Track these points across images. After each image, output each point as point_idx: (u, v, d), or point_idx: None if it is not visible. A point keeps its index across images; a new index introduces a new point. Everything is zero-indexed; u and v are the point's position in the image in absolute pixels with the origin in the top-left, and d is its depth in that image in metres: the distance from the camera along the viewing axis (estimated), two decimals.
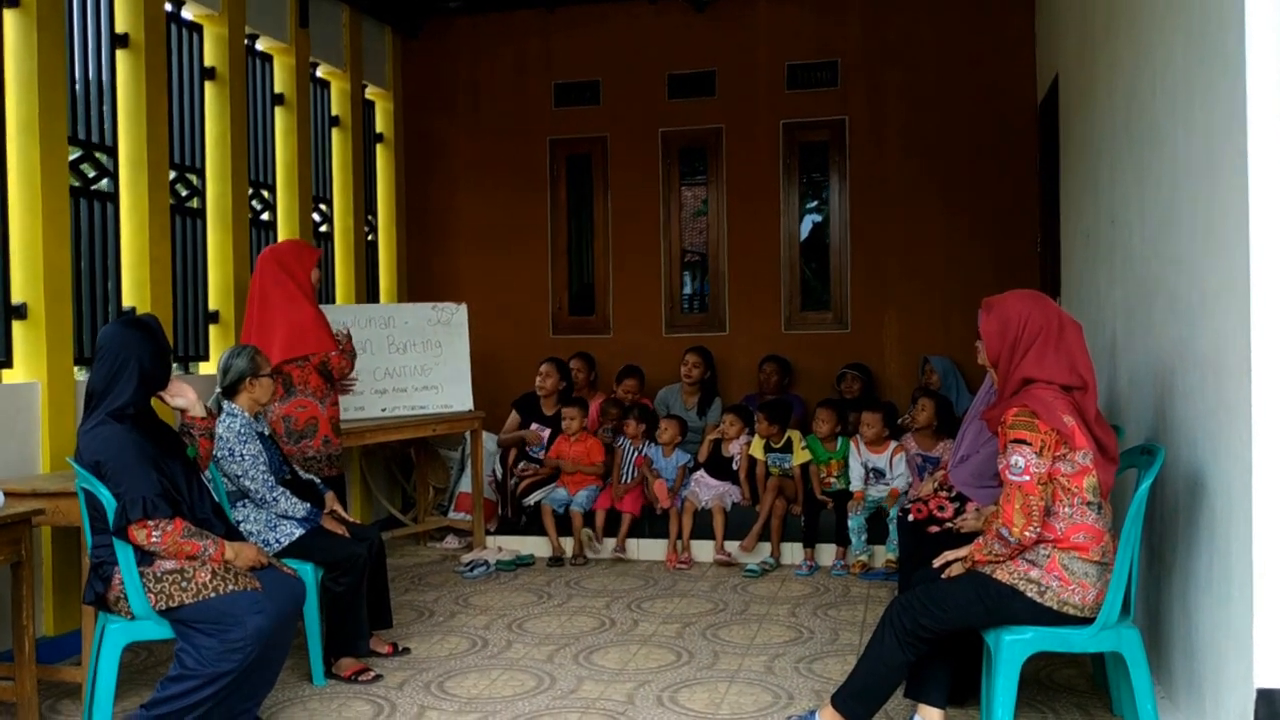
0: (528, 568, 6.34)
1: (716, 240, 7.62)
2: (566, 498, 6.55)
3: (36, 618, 4.34)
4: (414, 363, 6.48)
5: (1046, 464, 3.12)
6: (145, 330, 3.53)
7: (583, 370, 7.27)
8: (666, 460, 6.55)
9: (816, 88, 7.39)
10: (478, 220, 7.91)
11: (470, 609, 5.39)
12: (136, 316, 3.65)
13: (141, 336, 3.49)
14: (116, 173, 5.21)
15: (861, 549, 6.06)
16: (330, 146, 7.13)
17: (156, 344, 3.52)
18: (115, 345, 3.46)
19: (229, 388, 4.38)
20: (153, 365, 3.49)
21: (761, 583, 5.88)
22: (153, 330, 3.55)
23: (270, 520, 4.30)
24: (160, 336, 3.56)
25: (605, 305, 7.79)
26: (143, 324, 3.56)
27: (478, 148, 7.89)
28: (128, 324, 3.54)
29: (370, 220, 7.64)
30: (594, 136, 7.73)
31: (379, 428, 6.13)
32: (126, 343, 3.46)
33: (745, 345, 7.51)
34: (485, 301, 7.74)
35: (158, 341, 3.54)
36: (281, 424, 5.08)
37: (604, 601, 5.49)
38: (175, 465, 3.46)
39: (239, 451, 4.25)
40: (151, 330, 3.55)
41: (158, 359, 3.51)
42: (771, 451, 6.40)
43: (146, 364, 3.46)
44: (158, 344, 3.53)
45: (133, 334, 3.49)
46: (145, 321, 3.58)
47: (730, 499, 6.44)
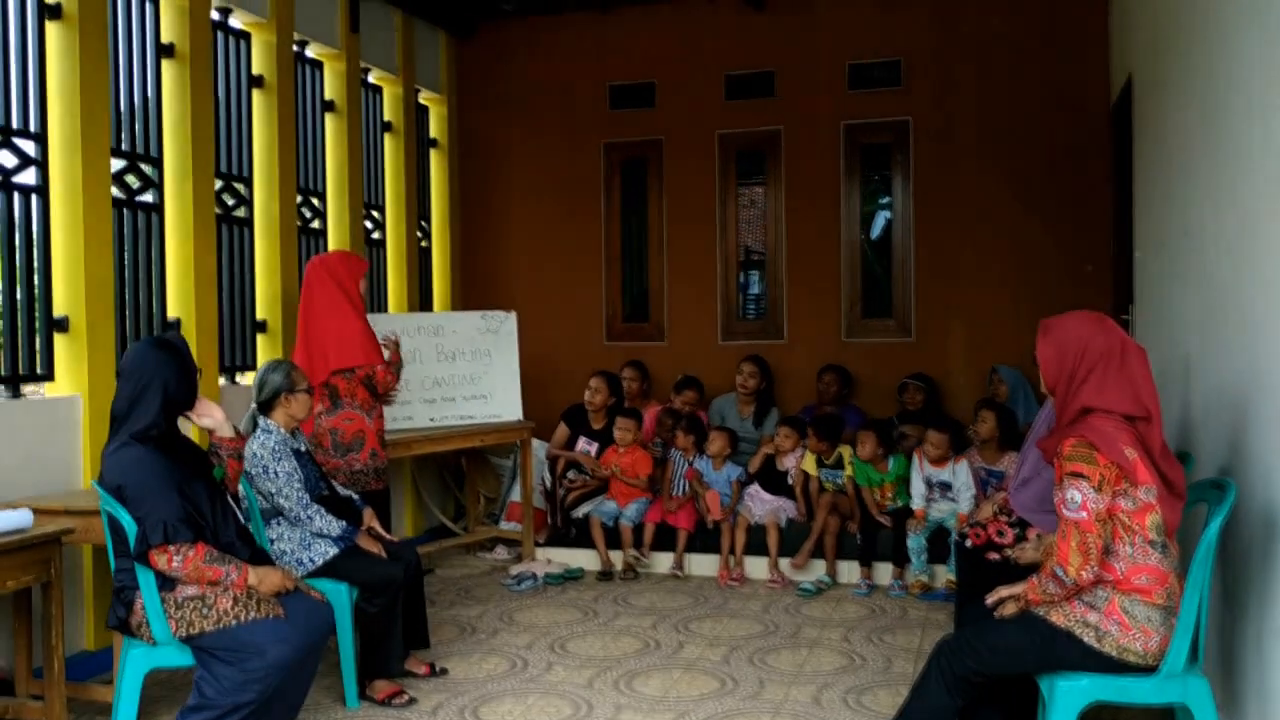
0: (576, 582, 6.21)
1: (775, 245, 7.41)
2: (616, 510, 6.42)
3: (73, 633, 4.34)
4: (463, 372, 6.40)
5: (1106, 500, 2.89)
6: (170, 351, 3.46)
7: (636, 379, 7.12)
8: (717, 473, 6.37)
9: (879, 88, 7.14)
10: (531, 225, 7.81)
11: (513, 626, 5.28)
12: (162, 336, 3.59)
13: (166, 357, 3.43)
14: (162, 183, 5.19)
15: (922, 569, 5.82)
16: (383, 153, 7.08)
17: (182, 365, 3.46)
18: (139, 366, 3.40)
19: (265, 403, 4.32)
20: (178, 386, 3.42)
21: (815, 603, 5.68)
22: (178, 351, 3.48)
23: (304, 539, 4.23)
24: (186, 357, 3.49)
25: (660, 312, 7.63)
26: (168, 344, 3.49)
27: (531, 152, 7.79)
28: (153, 345, 3.48)
29: (424, 227, 7.58)
30: (649, 139, 7.57)
31: (426, 438, 6.05)
32: (151, 364, 3.39)
33: (804, 354, 7.29)
34: (538, 307, 7.65)
35: (183, 362, 3.47)
36: (329, 436, 5.03)
37: (651, 621, 5.34)
38: (199, 488, 3.38)
39: (273, 469, 4.18)
40: (177, 351, 3.48)
41: (183, 380, 3.44)
42: (824, 467, 6.19)
43: (171, 385, 3.39)
44: (183, 365, 3.46)
45: (157, 355, 3.42)
46: (171, 342, 3.51)
47: (785, 514, 6.25)
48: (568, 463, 6.71)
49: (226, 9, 5.62)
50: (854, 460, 6.10)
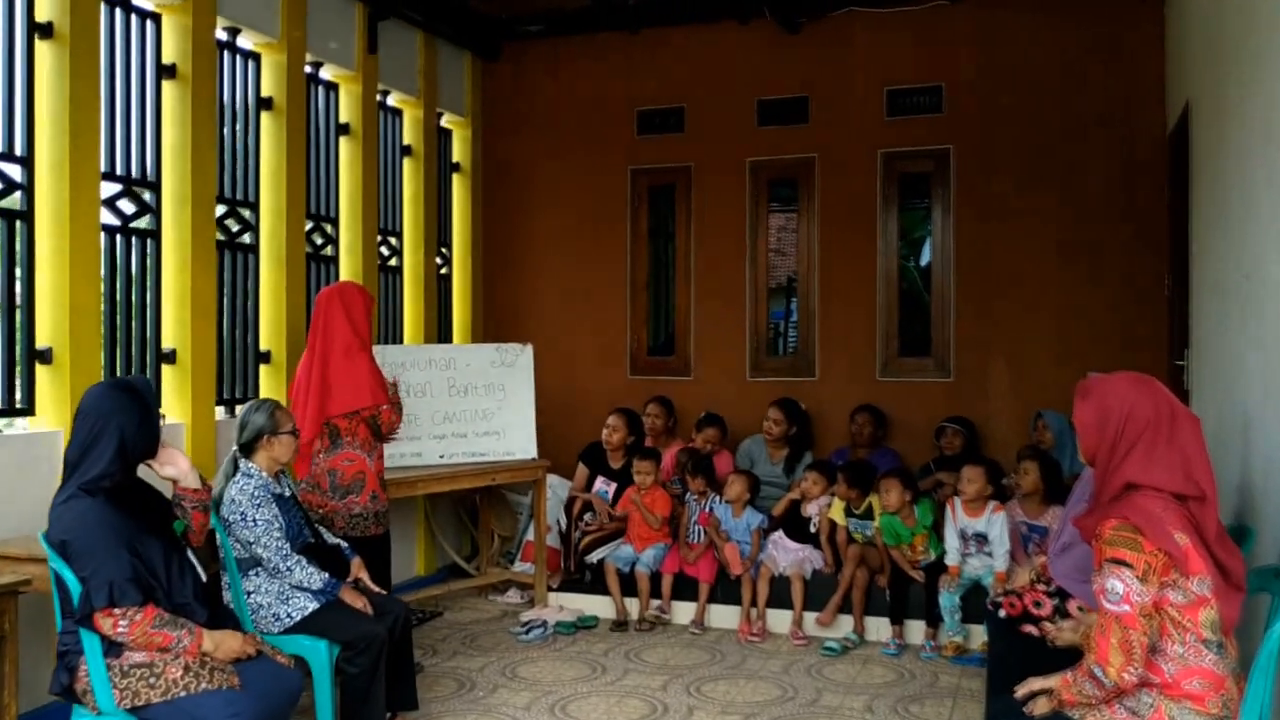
0: (589, 631, 5.89)
1: (807, 278, 7.07)
2: (632, 556, 6.09)
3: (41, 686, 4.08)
4: (475, 407, 6.12)
5: (1152, 592, 2.53)
6: (130, 394, 3.21)
7: (660, 416, 6.79)
8: (736, 521, 6.02)
9: (919, 114, 6.80)
10: (555, 254, 7.54)
11: (515, 682, 4.97)
12: (124, 379, 3.33)
13: (126, 401, 3.17)
14: (160, 209, 5.00)
15: (956, 629, 5.42)
16: (401, 177, 6.85)
17: (142, 410, 3.20)
18: (94, 410, 3.15)
19: (246, 445, 4.07)
20: (136, 433, 3.16)
21: (840, 664, 5.30)
22: (139, 394, 3.23)
23: (283, 592, 3.95)
24: (147, 401, 3.24)
25: (686, 346, 7.32)
26: (129, 387, 3.24)
27: (557, 177, 7.53)
28: (112, 386, 3.23)
29: (444, 254, 7.34)
30: (678, 166, 7.28)
31: (434, 477, 5.78)
32: (107, 407, 3.14)
33: (836, 392, 6.93)
34: (561, 339, 7.39)
35: (144, 407, 3.21)
36: (327, 478, 4.77)
37: (662, 680, 5.00)
38: (153, 544, 3.12)
39: (251, 516, 3.92)
40: (137, 394, 3.22)
41: (142, 426, 3.19)
42: (853, 516, 5.82)
43: (129, 432, 3.14)
44: (144, 410, 3.21)
45: (116, 398, 3.18)
46: (132, 385, 3.26)
47: (811, 566, 5.88)
48: (584, 505, 6.39)
49: (235, 29, 5.42)
50: (883, 518, 5.71)
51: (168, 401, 5.04)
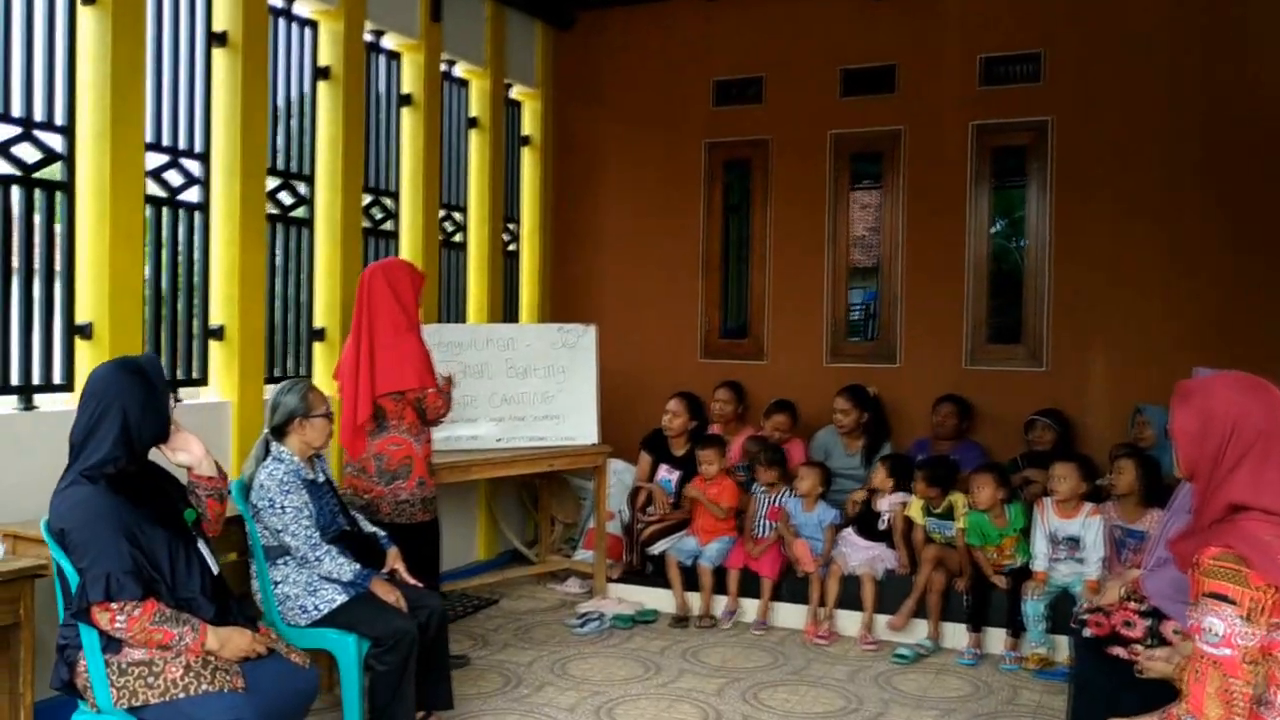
0: (647, 625, 5.63)
1: (890, 258, 6.66)
2: (695, 549, 5.80)
3: None
4: (535, 389, 5.89)
5: (1259, 634, 2.15)
6: (136, 375, 3.02)
7: (730, 402, 6.47)
8: (807, 515, 5.68)
9: (1015, 83, 6.32)
10: (626, 230, 7.26)
11: (564, 680, 4.73)
12: (132, 358, 3.15)
13: (131, 382, 2.99)
14: (209, 181, 4.87)
15: (1040, 640, 5.02)
16: (466, 150, 6.63)
17: (147, 391, 3.01)
18: (97, 391, 2.97)
19: (278, 428, 3.88)
20: (141, 415, 2.97)
21: (912, 672, 4.95)
22: (145, 375, 3.04)
23: (311, 582, 3.77)
24: (154, 381, 3.05)
25: (761, 328, 6.97)
26: (135, 368, 3.05)
27: (629, 151, 7.23)
28: (118, 367, 3.05)
29: (511, 229, 7.11)
30: (755, 139, 6.91)
31: (488, 462, 5.56)
32: (110, 388, 2.97)
33: (919, 381, 6.52)
34: (631, 319, 7.12)
35: (150, 388, 3.02)
36: (373, 462, 4.58)
37: (718, 685, 4.71)
38: (157, 534, 2.93)
39: (279, 502, 3.73)
40: (143, 375, 3.04)
41: (148, 408, 3.00)
42: (932, 516, 5.44)
43: (132, 415, 2.95)
44: (149, 390, 3.02)
45: (120, 378, 2.99)
46: (139, 364, 3.08)
47: (883, 565, 5.52)
48: (648, 495, 6.11)
49: None
50: (969, 516, 5.31)
51: (216, 379, 4.92)
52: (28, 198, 4.11)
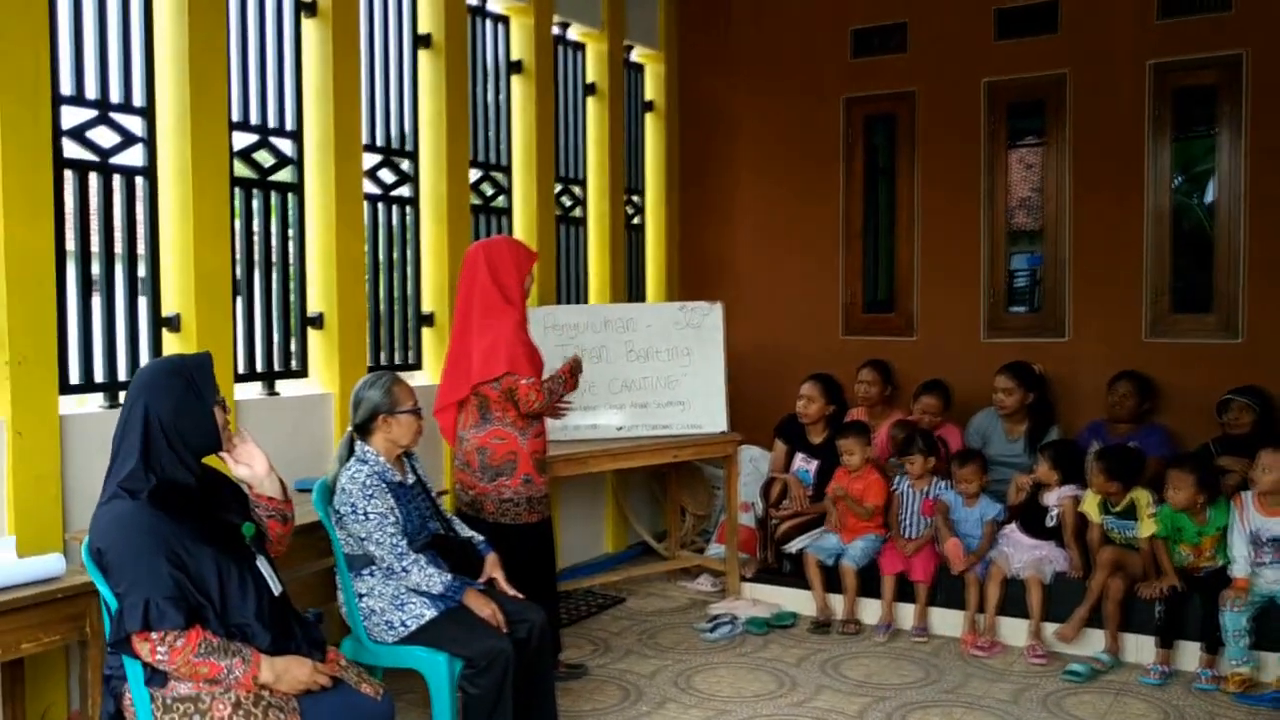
0: (784, 630, 5.14)
1: (1055, 219, 5.93)
2: (837, 547, 5.26)
3: None
4: (658, 374, 5.45)
5: None
6: (176, 376, 2.70)
7: (875, 383, 5.87)
8: (968, 510, 5.07)
9: (1200, 13, 5.49)
10: (759, 198, 6.72)
11: (688, 695, 4.30)
12: (179, 356, 2.85)
13: (169, 384, 2.67)
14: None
15: (1242, 657, 4.31)
16: (583, 118, 6.21)
17: (185, 394, 2.68)
18: (131, 392, 2.68)
19: (361, 425, 3.55)
20: (175, 421, 2.65)
21: (1087, 693, 4.31)
22: (187, 376, 2.72)
23: (398, 595, 3.44)
24: (192, 383, 2.71)
25: (908, 301, 6.34)
26: (177, 367, 2.74)
27: (761, 112, 6.68)
28: (158, 367, 2.75)
29: (635, 201, 6.67)
30: (899, 92, 6.26)
31: (606, 453, 5.15)
32: (141, 391, 2.66)
33: (1092, 356, 5.79)
34: (766, 294, 6.63)
35: (188, 390, 2.69)
36: (476, 456, 4.24)
37: (860, 705, 4.19)
38: (205, 553, 2.60)
39: (362, 508, 3.41)
40: (185, 376, 2.71)
41: (184, 414, 2.67)
42: (1111, 513, 4.76)
43: (164, 419, 2.63)
44: (187, 394, 2.69)
45: (155, 379, 2.68)
46: (182, 364, 2.76)
47: (1051, 567, 4.87)
48: (784, 487, 5.60)
49: None
50: (1160, 511, 4.62)
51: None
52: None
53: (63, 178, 3.69)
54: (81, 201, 3.78)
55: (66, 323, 3.72)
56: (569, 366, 4.45)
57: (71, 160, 3.74)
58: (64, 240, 3.71)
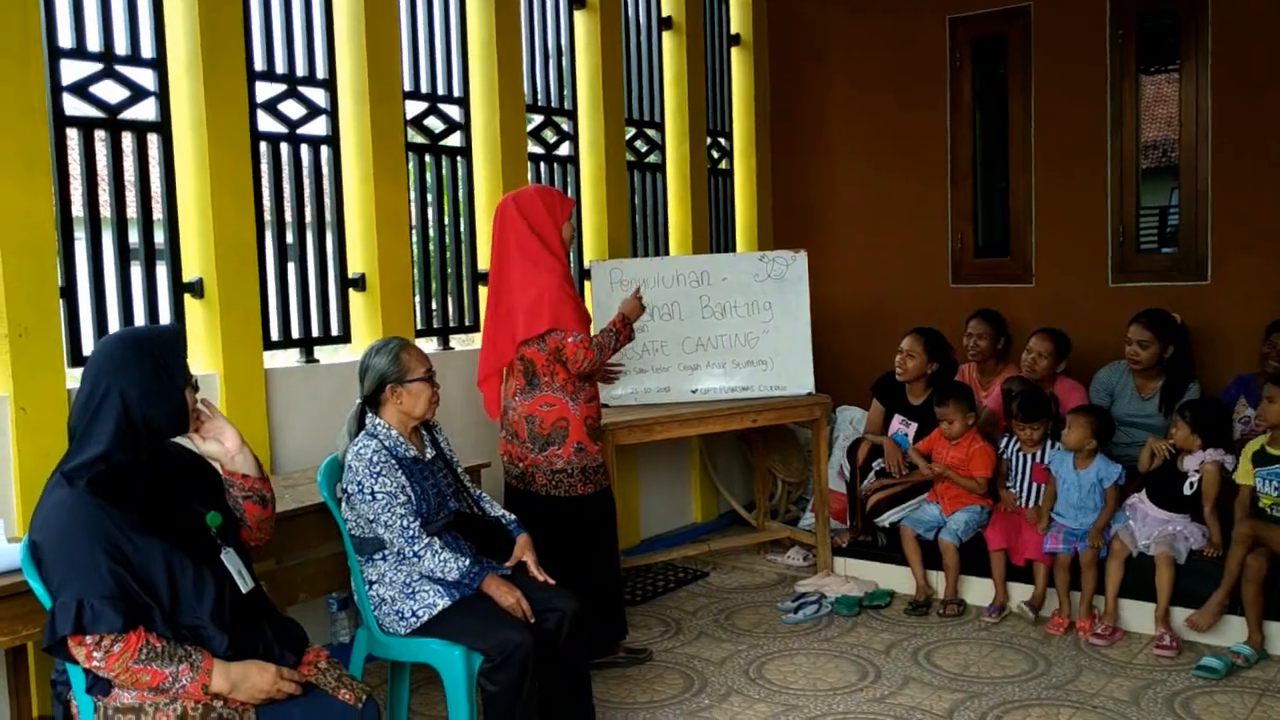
0: (878, 611, 4.66)
1: (1194, 149, 5.18)
2: (937, 519, 4.74)
3: None
4: (736, 330, 4.99)
5: None
6: (140, 347, 2.42)
7: (987, 336, 5.25)
8: (1080, 474, 4.46)
9: None
10: (857, 136, 6.13)
11: (756, 686, 3.89)
12: (143, 328, 2.57)
13: (136, 360, 2.39)
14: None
15: None
16: (659, 55, 5.74)
17: (155, 367, 2.40)
18: (96, 369, 2.39)
19: (371, 396, 3.24)
20: (142, 400, 2.37)
21: (1222, 693, 3.72)
22: (154, 346, 2.43)
23: (410, 583, 3.12)
24: (161, 358, 2.42)
25: (1024, 243, 5.67)
26: (142, 339, 2.45)
27: (856, 39, 6.08)
28: (123, 340, 2.46)
29: (722, 144, 6.17)
30: (1011, 9, 5.57)
31: (674, 419, 4.73)
32: (107, 366, 2.38)
33: (1239, 300, 5.06)
34: (866, 240, 6.11)
35: (157, 366, 2.41)
36: (524, 425, 3.91)
37: (950, 702, 3.70)
38: (152, 545, 2.31)
39: (369, 486, 3.09)
40: (148, 347, 2.43)
41: (151, 392, 2.38)
42: (1270, 463, 4.07)
43: (131, 399, 2.35)
44: (156, 370, 2.40)
45: (122, 354, 2.40)
46: (147, 337, 2.47)
47: (1186, 544, 4.24)
48: (872, 448, 5.09)
49: None
50: None
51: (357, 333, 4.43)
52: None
53: (65, 136, 3.47)
54: (88, 162, 3.56)
55: (77, 292, 3.52)
56: (620, 316, 4.05)
57: (74, 118, 3.51)
58: (69, 204, 3.50)
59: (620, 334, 4.04)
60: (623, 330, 4.04)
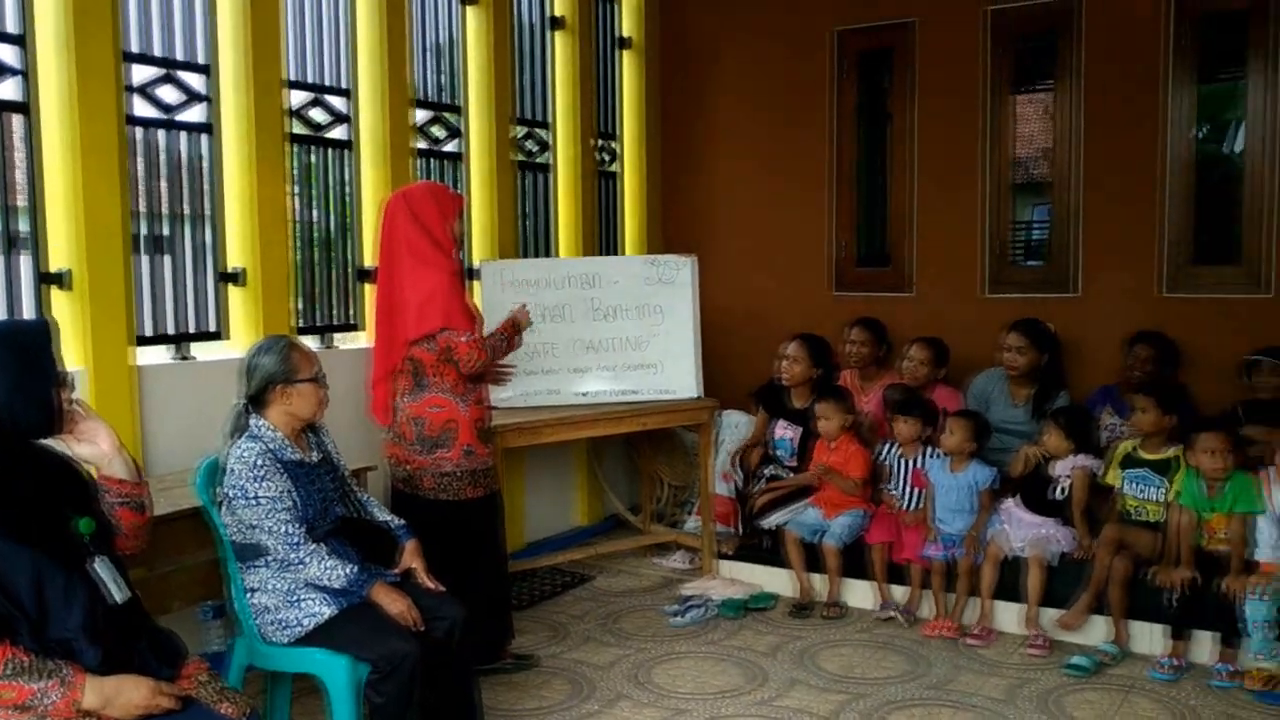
0: (762, 613, 4.71)
1: (1066, 164, 5.39)
2: (819, 523, 4.81)
3: None
4: (625, 334, 4.98)
5: None
6: (8, 341, 2.26)
7: (868, 343, 5.37)
8: (954, 477, 4.59)
9: None
10: (744, 143, 6.18)
11: (644, 691, 3.88)
12: (9, 319, 2.39)
13: (3, 356, 2.23)
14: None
15: (1265, 651, 3.85)
16: (550, 55, 5.69)
17: (21, 364, 2.24)
18: None
19: (255, 397, 3.11)
20: (8, 400, 2.21)
21: (1090, 690, 3.87)
22: (20, 341, 2.27)
23: (293, 591, 3.00)
24: (29, 354, 2.27)
25: (904, 254, 5.81)
26: (7, 332, 2.29)
27: (747, 47, 6.13)
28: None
29: (611, 147, 6.15)
30: (895, 24, 5.70)
31: (563, 422, 4.69)
32: None
33: (1104, 314, 5.28)
34: (749, 247, 6.15)
35: (25, 363, 2.25)
36: (411, 427, 3.82)
37: (834, 704, 3.76)
38: (20, 554, 2.15)
39: (251, 491, 2.96)
40: (17, 340, 2.27)
41: (19, 391, 2.22)
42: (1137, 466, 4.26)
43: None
44: (23, 364, 2.25)
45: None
46: (13, 329, 2.32)
47: (1057, 547, 4.39)
48: (763, 453, 5.15)
49: None
50: (1185, 476, 4.15)
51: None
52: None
53: None
54: None
55: None
56: (511, 321, 4.01)
57: None
58: None
59: (510, 339, 4.00)
60: (512, 335, 4.01)
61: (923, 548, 4.57)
